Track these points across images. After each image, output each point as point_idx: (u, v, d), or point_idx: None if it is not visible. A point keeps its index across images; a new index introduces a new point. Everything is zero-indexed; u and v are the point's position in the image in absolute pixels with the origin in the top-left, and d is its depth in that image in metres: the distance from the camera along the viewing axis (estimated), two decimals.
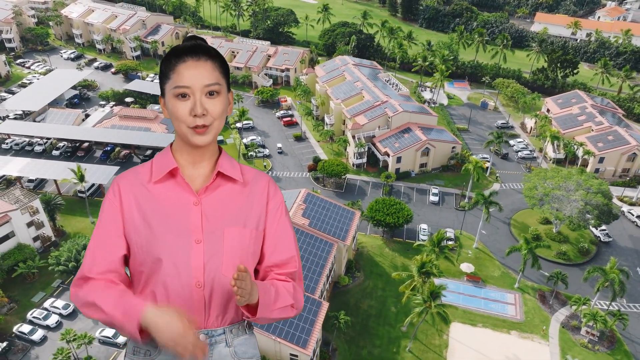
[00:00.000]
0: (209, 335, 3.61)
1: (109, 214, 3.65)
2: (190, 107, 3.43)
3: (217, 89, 3.47)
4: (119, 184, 3.70)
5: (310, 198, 72.37)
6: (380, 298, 70.46)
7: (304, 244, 65.05)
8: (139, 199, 3.63)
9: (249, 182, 3.83)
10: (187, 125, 3.48)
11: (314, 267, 62.91)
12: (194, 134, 3.50)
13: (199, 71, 3.42)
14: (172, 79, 3.45)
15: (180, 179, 3.66)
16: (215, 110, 3.49)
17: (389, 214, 78.55)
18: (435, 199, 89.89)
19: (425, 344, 64.34)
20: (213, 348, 3.60)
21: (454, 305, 68.88)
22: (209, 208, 3.63)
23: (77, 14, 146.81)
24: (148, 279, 3.60)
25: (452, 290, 70.72)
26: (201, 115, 3.43)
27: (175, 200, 3.62)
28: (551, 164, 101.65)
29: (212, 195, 3.67)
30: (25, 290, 68.64)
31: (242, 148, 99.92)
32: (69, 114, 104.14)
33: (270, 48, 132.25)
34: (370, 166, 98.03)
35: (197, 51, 3.46)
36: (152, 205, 3.60)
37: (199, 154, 3.69)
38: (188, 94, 3.43)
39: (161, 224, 3.56)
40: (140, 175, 3.71)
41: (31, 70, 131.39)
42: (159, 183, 3.66)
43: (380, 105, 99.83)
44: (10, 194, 74.05)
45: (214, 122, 3.52)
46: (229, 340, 3.67)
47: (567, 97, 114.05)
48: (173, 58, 3.47)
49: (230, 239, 3.62)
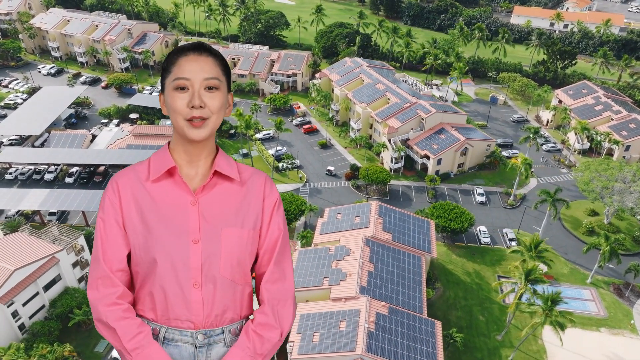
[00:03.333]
0: (207, 335, 3.59)
1: (111, 213, 3.59)
2: (188, 99, 3.41)
3: (216, 84, 3.45)
4: (118, 182, 3.65)
5: (384, 210, 68.90)
6: (465, 308, 68.16)
7: (394, 260, 61.60)
8: (137, 197, 3.59)
9: (246, 181, 3.78)
10: (183, 117, 3.43)
11: (412, 283, 59.63)
12: (190, 127, 3.45)
13: (200, 65, 3.41)
14: (173, 72, 3.43)
15: (178, 178, 3.61)
16: (214, 104, 3.45)
17: (451, 219, 76.47)
18: (482, 199, 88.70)
19: (525, 352, 62.64)
20: (212, 348, 3.58)
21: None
22: (206, 208, 3.60)
23: (52, 25, 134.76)
24: (145, 279, 3.57)
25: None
26: (198, 106, 3.40)
27: (172, 199, 3.58)
28: (577, 155, 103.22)
29: (209, 194, 3.64)
30: (84, 339, 61.00)
31: (272, 160, 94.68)
32: (74, 136, 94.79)
33: (272, 53, 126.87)
34: (406, 170, 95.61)
35: (199, 48, 3.47)
36: (150, 204, 3.57)
37: (196, 152, 3.64)
38: (187, 86, 3.41)
39: (159, 223, 3.53)
40: (139, 173, 3.66)
41: (11, 90, 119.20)
42: (156, 182, 3.61)
43: (411, 107, 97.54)
44: (48, 232, 65.83)
45: (212, 116, 3.47)
46: (228, 340, 3.64)
47: (577, 87, 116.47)
48: (176, 54, 3.48)
49: (228, 239, 3.59)
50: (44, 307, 61.19)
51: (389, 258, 61.52)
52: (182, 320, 3.56)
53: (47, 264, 60.68)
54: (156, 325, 3.60)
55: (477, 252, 77.48)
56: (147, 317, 3.63)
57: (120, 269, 3.57)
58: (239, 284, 3.70)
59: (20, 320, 58.00)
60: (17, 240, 62.53)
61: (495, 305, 69.08)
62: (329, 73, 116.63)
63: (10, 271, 55.98)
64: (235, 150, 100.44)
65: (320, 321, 53.41)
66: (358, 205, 70.92)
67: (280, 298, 3.76)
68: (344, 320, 52.54)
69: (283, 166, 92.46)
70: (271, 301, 3.73)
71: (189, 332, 3.57)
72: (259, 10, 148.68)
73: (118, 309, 3.48)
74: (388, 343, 50.46)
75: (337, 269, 59.02)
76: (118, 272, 3.56)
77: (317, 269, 60.06)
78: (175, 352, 3.54)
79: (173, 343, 3.57)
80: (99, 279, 3.52)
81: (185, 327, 3.57)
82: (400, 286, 58.87)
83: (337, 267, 59.35)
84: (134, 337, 3.41)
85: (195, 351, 3.58)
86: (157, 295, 3.55)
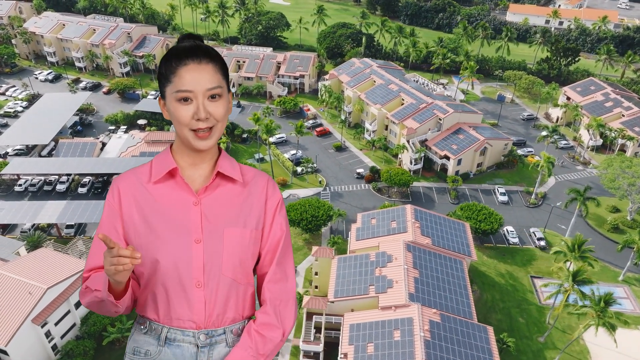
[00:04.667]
0: (209, 335, 3.58)
1: (108, 217, 3.63)
2: (193, 111, 3.38)
3: (219, 92, 3.42)
4: (118, 186, 3.65)
5: (419, 214, 67.74)
6: (504, 310, 67.45)
7: (437, 265, 60.46)
8: (138, 199, 3.59)
9: (248, 182, 3.78)
10: (189, 128, 3.42)
11: (457, 288, 58.61)
12: (196, 138, 3.45)
13: (201, 75, 3.35)
14: (174, 83, 3.37)
15: (179, 179, 3.61)
16: (218, 113, 3.45)
17: (481, 220, 75.76)
18: (504, 198, 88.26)
19: (568, 353, 62.13)
20: (213, 348, 3.58)
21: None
22: (208, 208, 3.59)
23: (47, 29, 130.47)
24: (149, 279, 3.57)
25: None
26: (205, 119, 3.39)
27: (174, 200, 3.58)
28: (590, 152, 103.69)
29: (211, 195, 3.63)
30: (118, 357, 58.45)
31: (290, 164, 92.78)
32: (84, 145, 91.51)
33: (278, 55, 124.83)
34: (425, 171, 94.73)
35: (197, 53, 3.38)
36: (152, 206, 3.57)
37: (199, 156, 3.66)
38: (190, 97, 3.37)
39: (161, 224, 3.53)
40: (140, 175, 3.66)
41: (8, 97, 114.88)
42: (158, 183, 3.61)
43: (427, 107, 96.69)
44: (74, 247, 63.08)
45: (217, 124, 3.48)
46: (229, 340, 3.64)
47: (585, 84, 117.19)
48: (173, 60, 3.39)
49: (230, 239, 3.59)
50: (75, 325, 58.56)
51: (431, 263, 60.37)
52: (184, 320, 3.55)
53: (78, 281, 57.99)
54: (158, 325, 3.58)
55: (506, 253, 76.92)
56: (150, 317, 3.62)
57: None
58: (241, 284, 3.68)
59: (53, 341, 55.33)
60: (43, 256, 59.67)
61: (532, 307, 68.55)
62: (338, 74, 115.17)
63: (43, 290, 53.30)
64: (250, 155, 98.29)
65: (372, 331, 51.95)
66: (392, 209, 69.61)
67: (282, 298, 3.75)
68: (398, 330, 51.17)
69: (303, 170, 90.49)
70: (273, 301, 3.72)
71: (191, 332, 3.55)
72: (259, 12, 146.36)
73: (85, 284, 3.59)
74: (446, 352, 49.28)
75: (382, 276, 57.63)
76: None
77: (360, 276, 58.58)
78: (178, 352, 3.52)
79: (175, 343, 3.54)
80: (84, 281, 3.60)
81: (187, 327, 3.55)
82: (447, 292, 57.78)
83: (381, 274, 57.95)
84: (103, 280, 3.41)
85: (197, 351, 3.55)
86: (159, 295, 3.54)
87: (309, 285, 68.99)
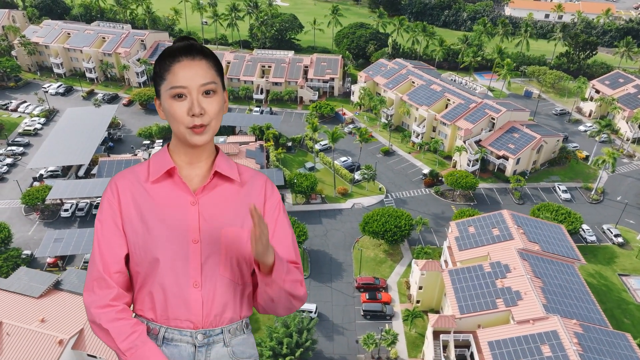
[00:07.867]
0: (207, 335, 3.54)
1: (109, 214, 3.56)
2: (187, 107, 3.37)
3: (213, 87, 3.41)
4: (117, 183, 3.61)
5: (517, 219, 65.71)
6: (607, 312, 65.08)
7: (552, 272, 58.49)
8: (136, 197, 3.56)
9: (246, 182, 3.75)
10: (185, 125, 3.40)
11: (580, 295, 56.79)
12: (192, 134, 3.43)
13: (195, 70, 3.35)
14: (168, 80, 3.37)
15: (177, 178, 3.59)
16: (213, 109, 3.42)
17: (561, 220, 74.56)
18: (566, 195, 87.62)
19: None
20: (211, 348, 3.54)
21: None
22: (206, 208, 3.56)
23: (52, 39, 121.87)
24: (145, 279, 3.53)
25: None
26: (199, 114, 3.37)
27: (172, 199, 3.55)
28: (631, 144, 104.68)
29: (209, 195, 3.61)
30: None
31: (345, 172, 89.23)
32: (127, 162, 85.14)
33: (304, 58, 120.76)
34: (481, 172, 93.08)
35: (191, 51, 3.39)
36: (150, 205, 3.54)
37: (196, 154, 3.63)
38: (184, 94, 3.36)
39: (158, 223, 3.50)
40: (138, 174, 3.63)
41: (22, 114, 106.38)
42: (156, 183, 3.58)
43: (478, 107, 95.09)
44: None
45: (212, 121, 3.45)
46: (227, 340, 3.60)
47: (613, 77, 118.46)
48: (167, 59, 3.39)
49: (228, 239, 3.55)
50: None
51: (547, 270, 58.39)
52: (182, 320, 3.50)
53: None
54: (156, 325, 3.53)
55: (587, 252, 75.97)
56: (147, 317, 3.55)
57: (117, 271, 3.49)
58: (238, 283, 3.64)
59: None
60: None
61: (631, 306, 67.80)
62: (371, 76, 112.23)
63: None
64: (299, 164, 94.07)
65: (517, 347, 49.42)
66: (487, 215, 67.30)
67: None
68: (545, 345, 48.84)
69: (364, 177, 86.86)
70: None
71: (188, 332, 3.50)
72: (272, 14, 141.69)
73: (112, 310, 3.41)
74: None
75: (506, 287, 55.21)
76: (115, 274, 3.48)
77: (482, 289, 55.98)
78: (175, 351, 3.47)
79: (172, 343, 3.50)
80: (95, 281, 3.46)
81: (184, 326, 3.50)
82: (573, 299, 55.91)
83: (504, 286, 55.53)
84: (127, 337, 3.33)
85: (195, 351, 3.49)
86: (156, 295, 3.50)
87: (407, 300, 65.99)
